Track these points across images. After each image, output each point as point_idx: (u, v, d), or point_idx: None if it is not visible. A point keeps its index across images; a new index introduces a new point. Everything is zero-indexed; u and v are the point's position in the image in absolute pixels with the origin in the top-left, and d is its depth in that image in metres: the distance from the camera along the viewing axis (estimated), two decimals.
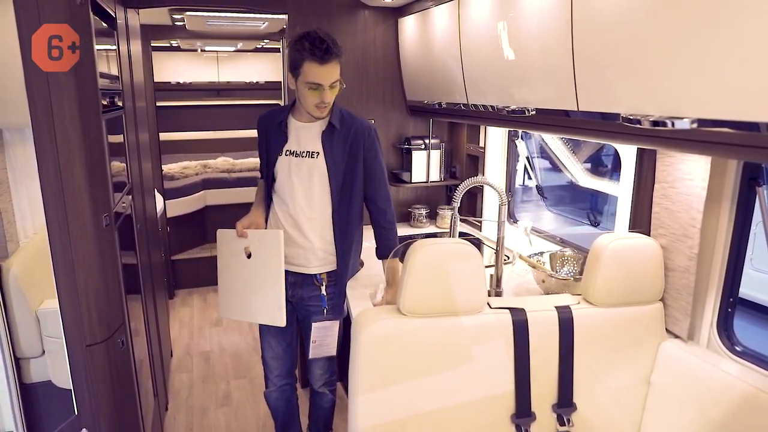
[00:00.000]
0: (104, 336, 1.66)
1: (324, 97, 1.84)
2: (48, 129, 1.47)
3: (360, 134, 1.99)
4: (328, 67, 1.81)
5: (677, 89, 1.25)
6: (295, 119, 2.01)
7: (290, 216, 2.00)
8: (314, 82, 1.81)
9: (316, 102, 1.85)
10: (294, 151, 1.98)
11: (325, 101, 1.85)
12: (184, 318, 4.22)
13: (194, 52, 5.70)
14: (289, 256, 2.01)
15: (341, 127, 1.96)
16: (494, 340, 1.62)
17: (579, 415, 1.69)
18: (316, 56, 1.78)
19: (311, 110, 1.90)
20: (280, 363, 2.21)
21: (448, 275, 1.55)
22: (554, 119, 1.76)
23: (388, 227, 2.08)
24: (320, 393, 2.29)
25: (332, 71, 1.82)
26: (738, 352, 1.58)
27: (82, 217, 1.55)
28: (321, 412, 2.36)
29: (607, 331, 1.69)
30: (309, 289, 2.07)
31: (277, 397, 2.27)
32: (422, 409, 1.59)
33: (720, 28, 1.11)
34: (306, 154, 1.97)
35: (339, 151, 1.97)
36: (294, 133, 1.99)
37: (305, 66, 1.80)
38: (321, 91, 1.83)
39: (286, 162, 1.98)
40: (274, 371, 2.22)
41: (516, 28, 1.82)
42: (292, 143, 1.99)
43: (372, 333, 1.54)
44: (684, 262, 1.64)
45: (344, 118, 1.99)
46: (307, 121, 1.98)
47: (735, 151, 1.22)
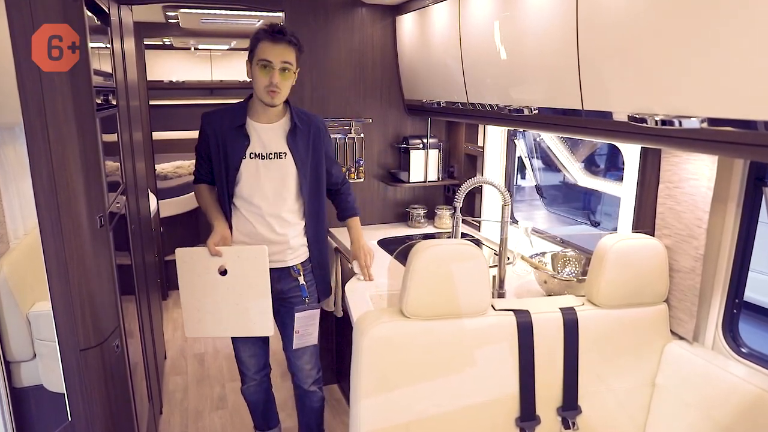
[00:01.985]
0: (98, 340, 1.62)
1: (273, 77, 1.87)
2: (41, 128, 1.43)
3: (318, 130, 2.09)
4: (280, 47, 1.87)
5: (684, 88, 1.24)
6: (253, 121, 2.01)
7: (261, 216, 2.02)
8: (264, 58, 1.87)
9: (265, 84, 1.88)
10: (259, 153, 1.99)
11: (274, 82, 1.88)
12: (177, 319, 4.17)
13: (187, 51, 5.64)
14: None
15: (302, 126, 2.03)
16: (498, 343, 1.60)
17: (584, 418, 1.67)
18: (268, 35, 1.87)
19: (262, 95, 1.91)
20: (257, 359, 2.25)
21: (451, 277, 1.52)
22: (558, 118, 1.74)
23: (347, 191, 2.28)
24: (311, 392, 2.27)
25: (284, 51, 1.88)
26: (744, 354, 1.57)
27: (76, 217, 1.51)
28: (313, 413, 2.34)
29: (611, 333, 1.68)
30: (287, 282, 2.12)
31: (255, 390, 2.31)
32: (425, 412, 1.56)
33: (727, 25, 1.09)
34: (274, 156, 2.00)
35: (303, 149, 2.03)
36: (255, 135, 1.99)
37: (259, 46, 1.89)
38: (271, 71, 1.87)
39: (253, 164, 1.99)
40: (252, 368, 2.26)
41: (519, 25, 1.80)
42: (255, 145, 1.99)
43: (374, 336, 1.51)
44: (689, 262, 1.62)
45: (301, 117, 2.05)
46: (267, 122, 2.01)
47: (742, 150, 1.20)
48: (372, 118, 3.00)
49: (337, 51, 2.86)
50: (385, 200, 3.15)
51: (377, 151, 3.08)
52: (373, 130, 3.03)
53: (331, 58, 2.85)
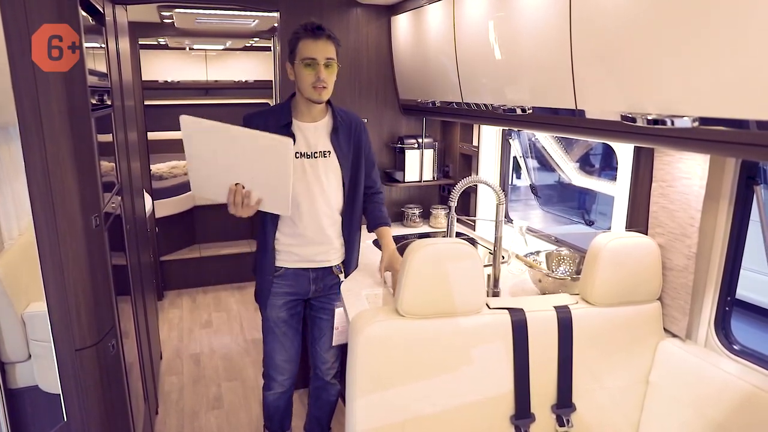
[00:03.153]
0: (94, 340, 1.62)
1: (320, 73, 1.87)
2: (36, 128, 1.43)
3: (358, 128, 2.10)
4: (321, 42, 1.87)
5: (676, 87, 1.25)
6: (297, 120, 1.99)
7: (309, 216, 2.01)
8: (309, 56, 1.86)
9: (312, 81, 1.88)
10: (305, 152, 1.98)
11: (321, 78, 1.88)
12: (173, 320, 4.17)
13: (182, 51, 5.63)
14: (311, 255, 2.06)
15: (343, 124, 2.03)
16: (493, 341, 1.61)
17: (578, 415, 1.68)
18: (308, 32, 1.87)
19: (309, 93, 1.91)
20: (292, 365, 2.21)
21: (446, 276, 1.53)
22: (551, 118, 1.74)
23: (381, 200, 2.25)
24: (330, 384, 2.29)
25: (326, 47, 1.88)
26: (736, 351, 1.58)
27: (71, 218, 1.51)
28: (329, 406, 2.37)
29: (605, 331, 1.69)
30: (330, 279, 2.13)
31: (279, 396, 2.26)
32: (421, 411, 1.57)
33: (719, 26, 1.10)
34: (319, 154, 1.99)
35: (346, 148, 2.04)
36: (300, 134, 1.98)
37: (300, 46, 1.88)
38: (316, 68, 1.87)
39: (299, 164, 1.97)
40: (284, 373, 2.21)
41: (514, 25, 1.80)
42: (300, 145, 1.97)
43: (370, 335, 1.52)
44: (682, 261, 1.64)
45: (342, 116, 2.05)
46: (311, 121, 2.00)
47: (734, 149, 1.21)
48: (367, 118, 3.00)
49: None
50: None
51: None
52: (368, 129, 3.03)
53: None
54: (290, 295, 2.10)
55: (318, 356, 2.23)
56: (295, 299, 2.13)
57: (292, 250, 2.04)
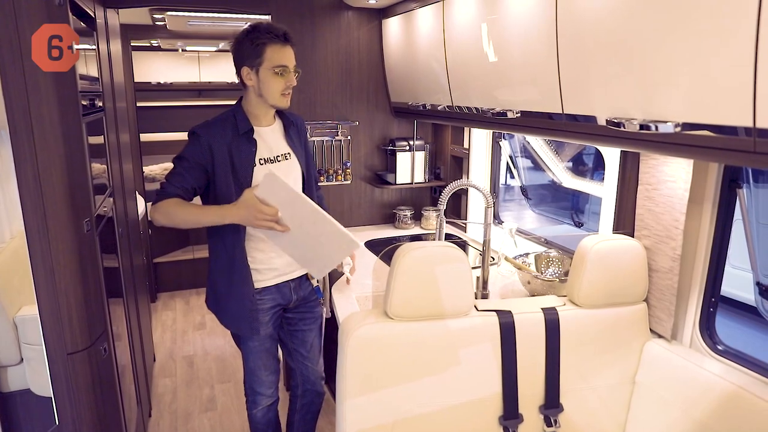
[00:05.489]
0: (86, 344, 1.62)
1: (290, 80, 1.84)
2: (26, 133, 1.43)
3: (301, 126, 2.08)
4: (289, 49, 1.83)
5: (660, 93, 1.27)
6: (255, 126, 1.91)
7: None
8: (281, 64, 1.80)
9: (282, 89, 1.83)
10: (268, 157, 1.91)
11: (290, 85, 1.85)
12: (166, 321, 4.17)
13: (175, 52, 5.61)
14: (285, 265, 1.97)
15: (292, 125, 2.01)
16: (481, 343, 1.63)
17: (565, 415, 1.70)
18: (279, 38, 1.79)
19: (276, 100, 1.85)
20: (277, 375, 2.11)
21: (435, 279, 1.54)
22: (539, 121, 1.77)
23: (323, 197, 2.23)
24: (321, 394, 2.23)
25: (292, 54, 1.85)
26: (720, 351, 1.61)
27: (62, 222, 1.52)
28: (316, 415, 2.28)
29: (592, 332, 1.71)
30: (305, 286, 2.08)
31: (265, 413, 2.14)
32: (410, 412, 1.59)
33: (703, 33, 1.12)
34: (281, 157, 1.94)
35: (300, 148, 2.02)
36: (261, 140, 1.91)
37: (268, 51, 1.79)
38: (287, 75, 1.83)
39: (266, 171, 1.88)
40: (270, 387, 2.09)
41: (501, 30, 1.82)
42: (262, 151, 1.90)
43: (359, 337, 1.53)
44: (667, 263, 1.66)
45: (287, 116, 2.02)
46: (267, 125, 1.95)
47: (716, 154, 1.23)
48: (359, 121, 3.02)
49: (324, 54, 2.88)
50: (372, 202, 3.18)
51: (364, 153, 3.10)
52: (359, 132, 3.05)
53: (317, 61, 2.87)
54: (274, 308, 2.01)
55: (309, 371, 2.16)
56: (279, 308, 2.03)
57: (272, 265, 1.94)
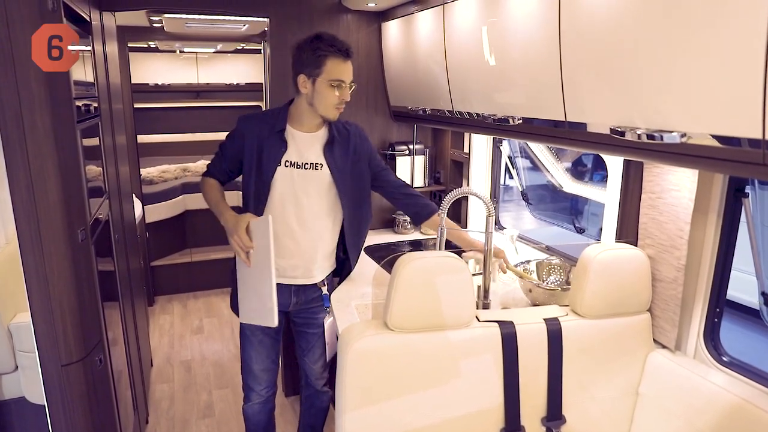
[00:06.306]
0: (81, 355, 1.59)
1: (344, 95, 1.85)
2: (19, 141, 1.40)
3: (358, 137, 2.03)
4: (349, 65, 1.84)
5: (666, 103, 1.25)
6: (293, 128, 1.93)
7: (289, 228, 1.95)
8: (339, 78, 1.82)
9: (336, 102, 1.85)
10: (295, 162, 1.91)
11: (345, 99, 1.86)
12: (164, 326, 4.14)
13: (173, 53, 5.59)
14: (287, 269, 1.99)
15: (339, 136, 1.97)
16: (483, 354, 1.60)
17: (568, 427, 1.68)
18: (341, 52, 1.81)
19: (328, 112, 1.87)
20: (269, 374, 2.15)
21: (435, 290, 1.52)
22: (541, 129, 1.74)
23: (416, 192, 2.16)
24: (322, 392, 2.27)
25: (351, 68, 1.85)
26: (725, 363, 1.59)
27: (56, 231, 1.48)
28: (320, 413, 2.34)
29: (595, 343, 1.69)
30: (311, 291, 2.06)
31: (259, 410, 2.18)
32: (411, 425, 1.56)
33: (709, 42, 1.10)
34: (309, 166, 1.93)
35: (342, 160, 1.97)
36: (293, 143, 1.92)
37: (329, 64, 1.80)
38: (343, 89, 1.84)
39: (288, 174, 1.91)
40: (262, 383, 2.14)
41: (503, 36, 1.80)
42: (291, 154, 1.91)
43: (359, 349, 1.51)
44: (671, 273, 1.64)
45: (339, 128, 1.99)
46: (308, 131, 1.94)
47: (723, 165, 1.21)
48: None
49: None
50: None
51: None
52: None
53: None
54: None
55: (307, 367, 2.21)
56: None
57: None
